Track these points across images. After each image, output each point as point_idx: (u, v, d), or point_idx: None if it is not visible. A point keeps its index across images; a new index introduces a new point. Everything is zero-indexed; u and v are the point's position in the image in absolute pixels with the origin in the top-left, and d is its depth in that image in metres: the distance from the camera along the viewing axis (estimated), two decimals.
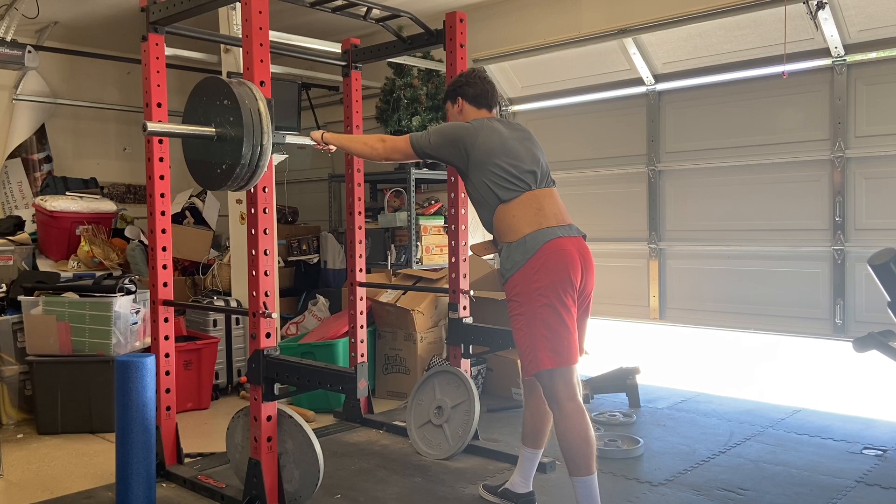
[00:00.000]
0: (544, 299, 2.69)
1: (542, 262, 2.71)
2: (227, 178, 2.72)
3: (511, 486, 3.13)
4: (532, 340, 2.72)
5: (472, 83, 3.10)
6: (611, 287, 5.68)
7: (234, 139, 2.67)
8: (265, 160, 2.71)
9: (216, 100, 2.74)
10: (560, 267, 2.71)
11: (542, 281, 2.70)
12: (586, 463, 2.68)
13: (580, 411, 2.71)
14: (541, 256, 2.72)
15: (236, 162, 2.66)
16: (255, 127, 2.65)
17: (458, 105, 3.13)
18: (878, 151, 4.47)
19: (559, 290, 2.70)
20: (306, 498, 3.01)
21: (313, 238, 6.44)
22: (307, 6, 3.76)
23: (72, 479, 3.50)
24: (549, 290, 2.70)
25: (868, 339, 3.25)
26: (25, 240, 5.51)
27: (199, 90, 2.84)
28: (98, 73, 6.98)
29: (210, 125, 2.75)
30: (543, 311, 2.69)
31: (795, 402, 4.68)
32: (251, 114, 2.65)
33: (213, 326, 5.00)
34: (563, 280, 2.71)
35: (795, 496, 3.22)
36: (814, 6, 4.25)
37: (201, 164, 2.83)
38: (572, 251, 2.75)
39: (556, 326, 2.69)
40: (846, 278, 4.59)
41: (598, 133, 5.70)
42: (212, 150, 2.76)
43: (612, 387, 4.69)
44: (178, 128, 2.81)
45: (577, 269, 2.75)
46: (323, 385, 2.90)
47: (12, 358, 4.37)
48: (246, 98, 2.68)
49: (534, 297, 2.71)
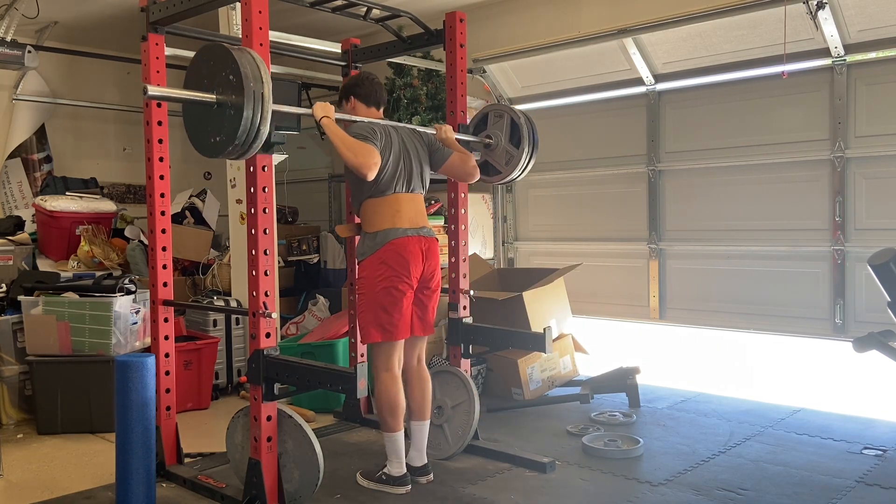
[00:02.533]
0: (384, 283, 3.23)
1: (387, 254, 3.24)
2: (226, 146, 2.70)
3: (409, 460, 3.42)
4: (367, 317, 3.28)
5: (362, 84, 3.48)
6: (611, 287, 5.68)
7: (234, 105, 2.64)
8: (265, 129, 2.68)
9: (217, 66, 2.70)
10: (401, 260, 3.24)
11: (384, 270, 3.23)
12: (391, 423, 3.29)
13: (394, 380, 3.32)
14: (387, 250, 3.24)
15: (233, 132, 2.65)
16: (255, 93, 2.62)
17: (350, 104, 3.48)
18: (878, 151, 4.47)
19: (396, 279, 3.23)
20: (306, 498, 3.01)
21: (313, 238, 6.44)
22: (307, 6, 3.76)
23: (72, 479, 3.50)
24: (388, 278, 3.23)
25: (868, 339, 3.26)
26: (25, 240, 5.51)
27: (200, 56, 2.81)
28: (98, 73, 6.98)
29: (211, 92, 2.72)
30: (381, 295, 3.24)
31: (795, 402, 4.68)
32: (253, 83, 2.62)
33: (213, 326, 5.00)
34: (401, 271, 3.23)
35: (795, 496, 3.22)
36: (814, 6, 4.25)
37: (200, 130, 2.82)
38: (415, 248, 3.27)
39: (389, 308, 3.24)
40: (846, 278, 4.59)
41: (598, 133, 5.70)
42: (211, 116, 2.74)
43: (612, 387, 4.69)
44: (179, 92, 2.78)
45: (418, 263, 3.28)
46: (323, 385, 2.90)
47: (12, 358, 4.37)
48: (247, 64, 2.65)
49: (376, 281, 3.24)
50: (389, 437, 3.32)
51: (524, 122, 3.75)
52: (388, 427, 3.32)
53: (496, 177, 3.86)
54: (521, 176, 3.84)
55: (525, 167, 3.79)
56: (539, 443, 3.97)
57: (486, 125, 3.89)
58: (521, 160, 3.75)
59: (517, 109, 3.84)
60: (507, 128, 3.79)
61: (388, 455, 3.33)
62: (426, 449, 3.44)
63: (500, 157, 3.83)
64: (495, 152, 3.83)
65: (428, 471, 3.42)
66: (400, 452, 3.32)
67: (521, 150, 3.74)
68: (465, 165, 3.50)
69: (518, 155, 3.75)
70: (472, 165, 3.51)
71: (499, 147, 3.82)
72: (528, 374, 4.72)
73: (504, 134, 3.80)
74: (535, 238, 6.19)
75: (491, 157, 3.85)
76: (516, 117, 3.77)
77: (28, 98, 6.36)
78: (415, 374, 3.48)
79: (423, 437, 3.45)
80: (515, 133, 3.77)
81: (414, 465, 3.40)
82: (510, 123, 3.79)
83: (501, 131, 3.80)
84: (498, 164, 3.84)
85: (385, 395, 3.29)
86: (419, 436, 3.44)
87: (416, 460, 3.42)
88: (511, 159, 3.78)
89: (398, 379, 3.34)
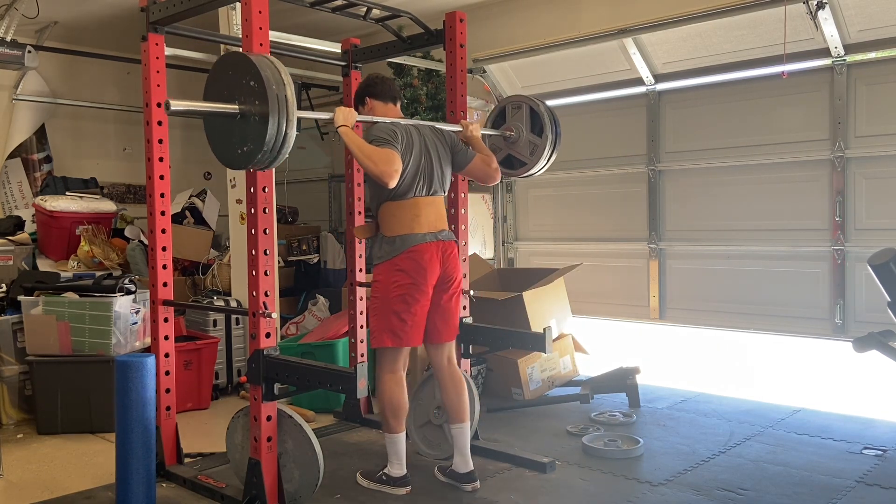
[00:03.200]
0: (399, 290, 3.18)
1: (404, 261, 3.18)
2: (254, 155, 2.60)
3: (455, 467, 3.36)
4: (380, 322, 3.23)
5: (374, 83, 3.44)
6: (611, 287, 5.68)
7: (258, 116, 2.56)
8: (292, 132, 2.59)
9: (237, 74, 2.62)
10: (417, 268, 3.18)
11: (400, 276, 3.18)
12: (393, 424, 3.27)
13: (398, 382, 3.27)
14: (405, 256, 3.18)
15: (261, 139, 2.55)
16: (279, 101, 2.54)
17: (367, 106, 3.43)
18: (878, 151, 4.47)
19: (411, 287, 3.18)
20: (306, 498, 3.01)
21: (313, 238, 6.44)
22: (307, 6, 3.76)
23: (72, 479, 3.50)
24: (404, 285, 3.17)
25: (868, 339, 3.26)
26: (25, 240, 5.51)
27: (221, 66, 2.73)
28: (98, 73, 6.98)
29: (233, 102, 2.63)
30: (395, 301, 3.19)
31: (795, 402, 4.68)
32: (276, 87, 2.54)
33: (213, 326, 5.00)
34: (418, 279, 3.18)
35: (795, 496, 3.21)
36: (814, 6, 4.25)
37: (226, 142, 2.72)
38: (433, 254, 3.21)
39: (403, 315, 3.19)
40: (846, 278, 4.59)
41: (598, 133, 5.70)
42: (235, 127, 2.64)
43: (612, 387, 4.69)
44: (202, 105, 2.69)
45: (435, 269, 3.22)
46: (323, 385, 2.89)
47: (12, 358, 4.37)
48: (268, 69, 2.58)
49: (391, 287, 3.19)
50: (391, 439, 3.30)
51: (544, 110, 3.67)
52: (389, 428, 3.29)
53: (521, 169, 3.78)
54: (546, 165, 3.75)
55: (550, 155, 3.71)
56: (539, 443, 3.97)
57: (504, 119, 3.82)
58: (545, 149, 3.67)
59: (535, 98, 3.75)
60: (526, 118, 3.73)
61: (389, 456, 3.31)
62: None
63: (523, 149, 3.75)
64: (518, 144, 3.76)
65: (474, 478, 3.31)
66: (401, 454, 3.29)
67: (544, 139, 3.66)
68: (488, 168, 3.43)
69: (542, 144, 3.67)
70: (494, 168, 3.44)
71: (521, 138, 3.74)
72: (528, 374, 4.72)
73: (525, 125, 3.73)
74: (535, 238, 6.19)
75: (514, 149, 3.78)
76: (535, 106, 3.69)
77: (28, 98, 6.36)
78: (447, 376, 3.39)
79: (465, 441, 3.34)
80: (536, 122, 3.70)
81: (459, 472, 3.32)
82: (529, 113, 3.72)
83: (522, 122, 3.74)
84: (522, 156, 3.76)
85: (388, 396, 3.27)
86: (461, 440, 3.34)
87: (461, 466, 3.33)
88: (535, 149, 3.71)
89: (402, 381, 3.30)
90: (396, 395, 3.27)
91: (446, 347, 3.40)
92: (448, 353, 3.40)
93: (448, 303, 3.33)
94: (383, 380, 3.29)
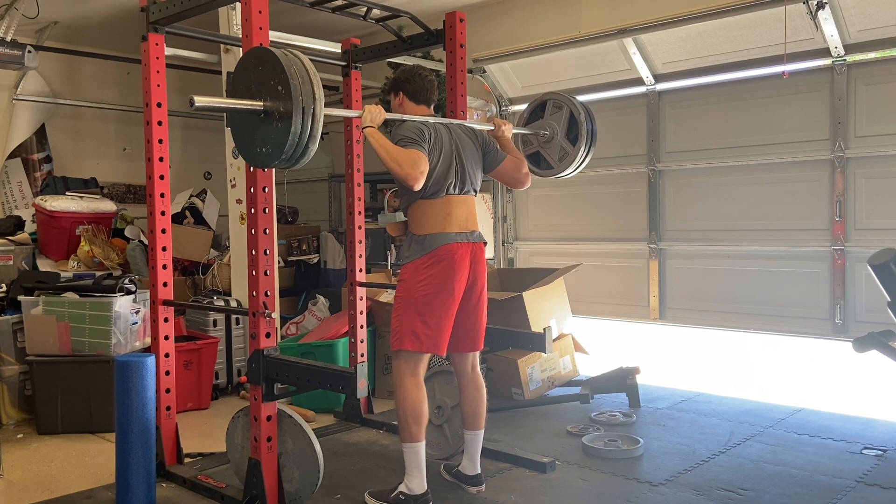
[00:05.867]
0: (424, 290, 3.04)
1: (433, 260, 3.05)
2: (272, 158, 2.54)
3: (462, 469, 3.32)
4: (402, 323, 3.07)
5: (412, 80, 3.28)
6: (611, 287, 5.68)
7: (282, 117, 2.46)
8: (313, 146, 2.51)
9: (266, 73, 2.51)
10: (446, 268, 3.05)
11: (427, 277, 3.04)
12: (415, 431, 3.04)
13: (419, 387, 3.08)
14: (434, 255, 3.05)
15: (282, 143, 2.47)
16: (305, 109, 2.44)
17: (398, 99, 3.31)
18: (878, 151, 4.47)
19: (440, 288, 3.04)
20: (306, 498, 3.01)
21: (313, 238, 6.44)
22: (307, 6, 3.76)
23: (72, 479, 3.50)
24: (431, 285, 3.04)
25: (868, 339, 3.26)
26: (25, 240, 5.51)
27: (246, 61, 2.63)
28: (98, 73, 6.98)
29: (258, 99, 2.53)
30: (420, 302, 3.04)
31: (795, 402, 4.68)
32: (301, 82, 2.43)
33: (213, 326, 5.00)
34: (446, 280, 3.04)
35: (795, 496, 3.22)
36: (814, 6, 4.25)
37: (246, 139, 2.64)
38: (463, 255, 3.09)
39: (427, 318, 3.04)
40: (846, 278, 4.59)
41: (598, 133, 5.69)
42: (257, 126, 2.56)
43: (612, 387, 4.69)
44: (225, 102, 2.61)
45: (465, 271, 3.09)
46: (323, 385, 2.89)
47: (12, 358, 4.37)
48: (297, 76, 2.45)
49: (417, 287, 3.05)
50: (411, 448, 3.05)
51: (584, 119, 3.55)
52: (410, 436, 3.05)
53: (548, 171, 3.70)
54: (572, 174, 3.66)
55: (578, 167, 3.62)
56: (539, 443, 3.97)
57: (543, 112, 3.72)
58: (575, 159, 3.58)
59: (579, 103, 3.60)
60: (564, 121, 3.62)
61: (408, 468, 3.06)
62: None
63: (554, 152, 3.67)
64: (550, 145, 3.67)
65: (480, 481, 3.28)
66: (422, 465, 3.06)
67: (576, 149, 3.56)
68: (518, 172, 3.32)
69: (573, 153, 3.58)
70: (524, 173, 3.33)
71: (554, 140, 3.65)
72: (528, 374, 4.72)
73: (561, 128, 3.62)
74: (535, 238, 6.19)
75: (545, 149, 3.70)
76: (576, 112, 3.57)
77: (28, 98, 6.35)
78: (469, 381, 3.31)
79: (477, 448, 3.30)
80: (573, 129, 3.60)
81: (466, 474, 3.30)
82: (569, 117, 3.61)
83: (559, 124, 3.64)
84: (551, 159, 3.67)
85: (410, 402, 3.06)
86: (473, 446, 3.30)
87: (469, 469, 3.30)
88: (565, 156, 3.62)
89: (423, 386, 3.12)
90: (418, 400, 3.07)
91: (472, 355, 3.31)
92: (473, 359, 3.31)
93: (476, 307, 3.21)
94: (404, 384, 3.09)
